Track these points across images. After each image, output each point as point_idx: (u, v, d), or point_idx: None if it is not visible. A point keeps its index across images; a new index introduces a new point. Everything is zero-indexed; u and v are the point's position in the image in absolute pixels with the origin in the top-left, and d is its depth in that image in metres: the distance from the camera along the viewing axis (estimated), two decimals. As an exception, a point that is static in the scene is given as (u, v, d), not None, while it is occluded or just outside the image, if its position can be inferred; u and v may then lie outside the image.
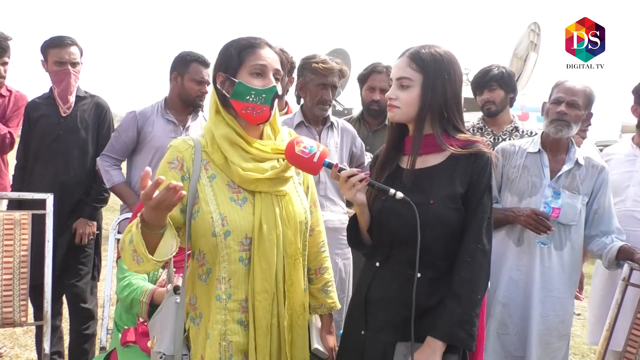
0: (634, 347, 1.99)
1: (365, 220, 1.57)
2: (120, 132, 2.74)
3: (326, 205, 2.48)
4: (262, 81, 1.45)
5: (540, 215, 2.17)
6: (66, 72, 2.76)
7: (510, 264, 2.32)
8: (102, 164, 2.72)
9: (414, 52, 1.51)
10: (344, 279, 2.55)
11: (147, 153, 2.72)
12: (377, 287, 1.55)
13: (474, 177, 1.48)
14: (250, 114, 1.44)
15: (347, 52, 9.25)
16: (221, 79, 1.46)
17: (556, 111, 2.22)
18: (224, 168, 1.46)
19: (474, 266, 1.43)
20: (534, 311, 2.25)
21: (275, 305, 1.48)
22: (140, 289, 1.89)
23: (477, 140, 1.52)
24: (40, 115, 2.80)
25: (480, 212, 1.47)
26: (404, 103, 1.51)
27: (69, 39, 2.77)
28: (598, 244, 2.28)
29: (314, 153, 1.43)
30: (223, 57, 1.48)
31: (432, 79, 1.48)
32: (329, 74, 2.42)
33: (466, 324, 1.39)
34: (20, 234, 2.20)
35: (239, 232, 1.42)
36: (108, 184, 2.71)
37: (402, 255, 1.49)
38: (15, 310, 2.15)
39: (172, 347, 1.47)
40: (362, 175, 1.43)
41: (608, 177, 2.33)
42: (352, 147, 2.66)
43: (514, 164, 2.38)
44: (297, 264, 1.52)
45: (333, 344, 1.71)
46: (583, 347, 4.07)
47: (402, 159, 1.60)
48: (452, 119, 1.51)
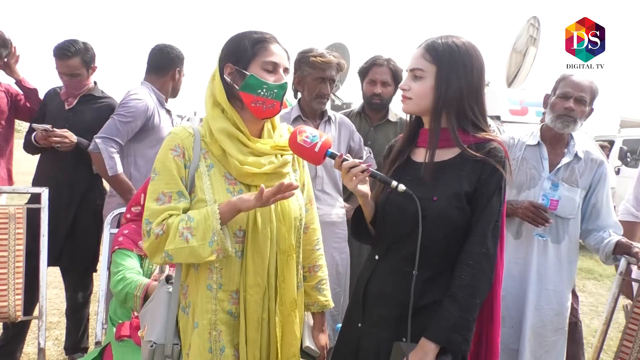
0: (630, 342, 1.99)
1: (369, 211, 1.55)
2: (130, 119, 2.62)
3: (323, 199, 2.47)
4: (273, 76, 1.44)
5: (538, 208, 2.16)
6: (64, 80, 2.82)
7: (508, 257, 2.31)
8: (106, 148, 2.56)
9: (430, 43, 1.45)
10: (341, 273, 2.54)
11: (151, 143, 2.70)
12: (375, 281, 1.53)
13: (484, 177, 1.41)
14: (260, 107, 1.43)
15: (346, 47, 9.21)
16: (230, 70, 1.44)
17: (564, 107, 2.20)
18: (222, 159, 1.45)
19: (476, 270, 1.37)
20: (529, 304, 2.25)
21: (267, 300, 1.47)
22: (134, 283, 1.87)
23: (493, 139, 1.45)
24: (52, 105, 2.88)
25: (488, 214, 1.40)
26: (416, 94, 1.45)
27: (70, 50, 2.76)
28: (595, 238, 2.27)
29: (316, 142, 1.41)
30: (234, 48, 1.45)
31: (447, 71, 1.41)
32: (327, 67, 2.40)
33: (463, 329, 1.35)
34: (15, 228, 2.19)
35: (233, 223, 1.41)
36: (111, 172, 2.56)
37: (402, 251, 1.46)
38: (10, 305, 2.14)
39: (163, 336, 1.46)
40: (363, 167, 1.40)
41: (607, 171, 2.32)
42: (350, 142, 2.65)
43: (513, 157, 2.37)
44: (290, 261, 1.51)
45: (325, 342, 1.70)
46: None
47: (414, 151, 1.56)
48: (470, 115, 1.44)
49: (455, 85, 1.41)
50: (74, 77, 2.81)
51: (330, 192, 2.50)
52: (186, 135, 1.45)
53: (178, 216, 1.38)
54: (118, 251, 2.01)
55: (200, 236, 1.34)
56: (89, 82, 2.90)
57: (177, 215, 1.38)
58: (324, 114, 2.55)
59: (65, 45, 2.76)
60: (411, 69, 1.47)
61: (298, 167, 1.64)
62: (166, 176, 1.41)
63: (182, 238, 1.34)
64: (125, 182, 2.62)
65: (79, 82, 2.83)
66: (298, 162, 1.63)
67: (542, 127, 2.39)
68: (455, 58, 1.42)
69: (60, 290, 4.43)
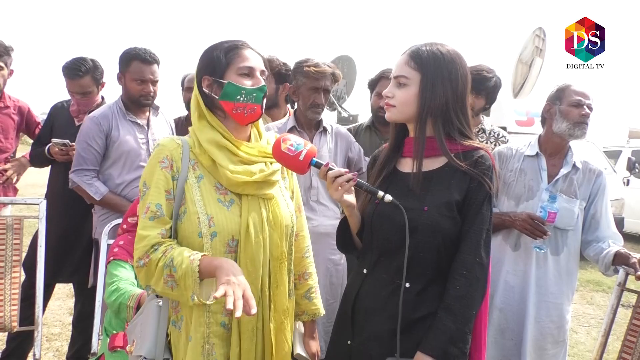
0: (629, 354, 1.95)
1: (355, 222, 1.53)
2: (88, 142, 2.55)
3: (319, 210, 2.46)
4: (251, 80, 1.45)
5: (536, 220, 2.14)
6: (75, 99, 2.89)
7: (507, 269, 2.30)
8: (80, 180, 2.55)
9: (414, 50, 1.44)
10: (335, 285, 2.52)
11: (116, 158, 2.60)
12: (365, 296, 1.49)
13: (473, 185, 1.40)
14: (241, 113, 1.44)
15: (352, 59, 9.26)
16: (207, 82, 1.45)
17: (581, 114, 2.20)
18: (212, 170, 1.45)
19: (471, 280, 1.35)
20: (529, 316, 2.22)
21: (261, 309, 1.46)
22: (127, 294, 1.87)
23: (481, 147, 1.44)
24: (60, 120, 2.94)
25: (479, 223, 1.38)
26: (400, 102, 1.44)
27: (81, 69, 2.80)
28: (595, 249, 2.25)
29: (300, 151, 1.40)
30: (207, 60, 1.47)
31: (431, 78, 1.40)
32: (321, 77, 2.41)
33: (459, 341, 1.33)
34: (13, 239, 2.21)
35: (226, 234, 1.41)
36: (97, 197, 2.53)
37: (392, 263, 1.43)
38: (6, 315, 2.15)
39: (153, 350, 1.45)
40: (349, 176, 1.39)
41: (605, 182, 2.29)
42: (348, 153, 2.64)
43: (511, 168, 2.36)
44: (282, 268, 1.51)
45: (316, 350, 1.69)
46: (587, 355, 4.00)
47: (400, 160, 1.55)
48: (456, 123, 1.43)
49: (440, 93, 1.40)
50: (86, 96, 2.87)
51: (325, 203, 2.49)
52: (174, 147, 1.45)
53: (161, 252, 1.35)
54: (113, 262, 2.02)
55: (182, 290, 1.32)
56: (97, 97, 2.96)
57: (160, 249, 1.36)
58: (320, 124, 2.55)
59: (76, 65, 2.80)
60: (395, 76, 1.46)
61: (287, 175, 1.64)
62: (155, 190, 1.41)
63: (167, 285, 1.34)
64: (115, 200, 2.57)
65: (90, 100, 2.89)
66: (287, 170, 1.64)
67: (540, 138, 2.38)
68: (440, 65, 1.41)
69: (63, 301, 4.46)
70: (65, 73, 2.82)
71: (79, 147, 2.58)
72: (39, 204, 2.30)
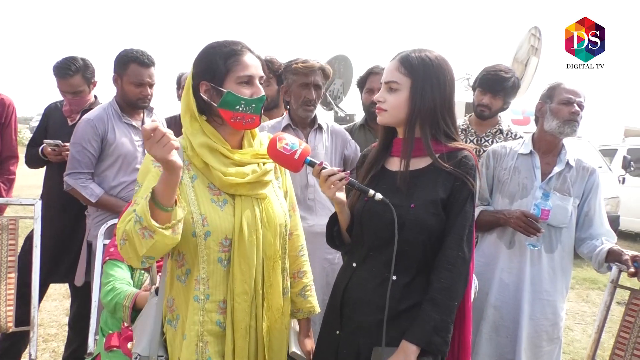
0: (622, 350, 1.97)
1: (344, 219, 1.59)
2: (83, 145, 2.53)
3: (316, 209, 2.46)
4: (250, 89, 1.44)
5: (529, 217, 2.16)
6: (67, 98, 2.88)
7: (501, 267, 2.32)
8: (75, 183, 2.54)
9: (404, 56, 1.51)
10: (331, 284, 2.51)
11: (112, 161, 2.59)
12: (353, 288, 1.56)
13: (457, 184, 1.47)
14: (239, 122, 1.45)
15: (348, 59, 9.24)
16: (205, 88, 1.44)
17: (571, 111, 2.21)
18: (205, 171, 1.46)
19: (454, 274, 1.43)
20: (523, 314, 2.24)
21: (254, 308, 1.48)
22: (123, 294, 1.88)
23: (464, 148, 1.52)
24: (54, 120, 2.95)
25: (462, 220, 1.46)
26: (392, 106, 1.51)
27: (71, 69, 2.79)
28: (588, 246, 2.26)
29: (295, 150, 1.43)
30: (207, 65, 1.44)
31: (421, 84, 1.47)
32: (310, 72, 2.40)
33: (442, 331, 1.40)
34: (8, 240, 2.21)
35: (219, 233, 1.42)
36: (92, 199, 2.52)
37: (380, 257, 1.50)
38: (1, 316, 2.15)
39: (147, 348, 1.47)
40: (341, 175, 1.44)
41: (599, 180, 2.31)
42: (344, 150, 2.63)
43: (505, 166, 2.37)
44: (276, 267, 1.52)
45: (311, 348, 1.71)
46: (583, 353, 4.02)
47: (389, 160, 1.61)
48: (442, 126, 1.50)
49: (429, 97, 1.48)
50: (77, 95, 2.86)
51: (322, 201, 2.49)
52: None
53: (129, 219, 1.31)
54: (109, 262, 2.02)
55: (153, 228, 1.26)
56: (89, 97, 2.94)
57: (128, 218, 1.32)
58: (314, 121, 2.54)
59: (66, 64, 2.80)
60: (386, 82, 1.53)
61: (280, 174, 1.65)
62: (146, 190, 1.39)
63: (146, 238, 1.28)
64: (111, 201, 2.56)
65: (82, 99, 2.88)
66: (280, 169, 1.65)
67: (533, 136, 2.39)
68: (429, 71, 1.48)
69: (59, 302, 4.46)
70: (56, 72, 2.81)
71: (74, 150, 2.57)
72: (34, 204, 2.30)
